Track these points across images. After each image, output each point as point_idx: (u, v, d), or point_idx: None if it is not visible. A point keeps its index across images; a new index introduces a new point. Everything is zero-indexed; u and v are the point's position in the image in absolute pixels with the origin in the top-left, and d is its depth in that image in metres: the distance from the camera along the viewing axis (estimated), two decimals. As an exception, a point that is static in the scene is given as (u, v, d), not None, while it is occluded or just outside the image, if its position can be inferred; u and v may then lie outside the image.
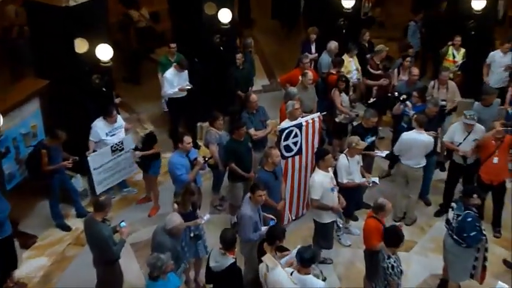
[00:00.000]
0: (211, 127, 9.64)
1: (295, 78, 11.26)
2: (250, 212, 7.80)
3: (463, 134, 9.44)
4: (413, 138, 9.38)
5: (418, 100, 10.25)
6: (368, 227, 7.80)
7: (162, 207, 10.00)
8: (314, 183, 8.40)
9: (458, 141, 9.46)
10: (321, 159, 8.44)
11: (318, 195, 8.38)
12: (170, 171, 8.87)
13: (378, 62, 11.84)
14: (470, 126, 9.33)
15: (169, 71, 11.09)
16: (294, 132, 9.32)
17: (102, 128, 9.73)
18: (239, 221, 8.02)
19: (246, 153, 9.28)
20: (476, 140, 9.39)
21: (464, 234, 7.83)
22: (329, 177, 8.46)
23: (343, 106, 10.82)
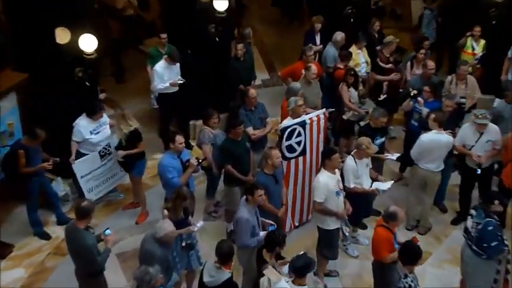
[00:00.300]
0: (205, 126, 9.65)
1: (297, 72, 11.28)
2: (247, 215, 7.81)
3: (474, 135, 9.36)
4: (434, 139, 9.36)
5: (429, 95, 10.27)
6: (377, 237, 7.80)
7: (151, 213, 10.01)
8: (318, 184, 8.40)
9: (471, 144, 9.37)
10: (328, 158, 8.44)
11: (322, 197, 8.38)
12: (160, 174, 8.85)
13: (387, 54, 11.87)
14: (482, 126, 9.25)
15: (160, 63, 11.09)
16: (297, 131, 9.32)
17: (85, 127, 9.71)
18: (235, 225, 8.03)
19: (243, 154, 9.27)
20: (490, 142, 9.33)
21: (484, 245, 7.83)
22: (335, 180, 8.46)
23: (351, 102, 10.85)
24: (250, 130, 9.90)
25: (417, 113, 10.21)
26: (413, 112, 10.32)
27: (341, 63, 11.45)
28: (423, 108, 10.13)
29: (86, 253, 7.42)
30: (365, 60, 11.99)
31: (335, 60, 11.76)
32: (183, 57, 11.20)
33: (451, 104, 9.82)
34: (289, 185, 9.48)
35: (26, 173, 9.22)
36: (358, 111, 10.89)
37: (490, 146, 9.33)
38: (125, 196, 10.59)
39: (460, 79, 10.81)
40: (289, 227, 9.65)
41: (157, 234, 7.35)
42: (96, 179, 9.89)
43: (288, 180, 9.43)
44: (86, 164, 9.72)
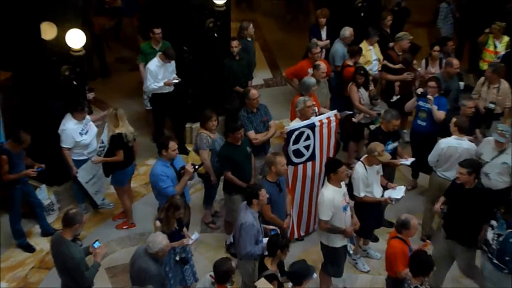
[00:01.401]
0: (203, 129, 9.69)
1: (303, 71, 11.38)
2: (251, 220, 7.87)
3: (491, 152, 9.19)
4: (452, 146, 9.41)
5: (434, 91, 10.35)
6: (391, 250, 7.82)
7: (144, 224, 10.04)
8: (323, 202, 8.33)
9: (485, 160, 9.21)
10: (333, 171, 8.35)
11: (328, 215, 8.33)
12: (153, 184, 8.86)
13: (399, 52, 11.96)
14: (500, 144, 9.08)
15: (153, 61, 11.17)
16: (305, 134, 9.38)
17: (74, 130, 9.78)
18: (238, 232, 8.02)
19: (244, 160, 9.33)
20: (506, 165, 9.07)
21: (506, 258, 7.87)
22: (341, 193, 8.43)
23: (362, 104, 10.93)
24: (251, 134, 9.93)
25: (423, 111, 10.31)
26: (419, 111, 10.45)
27: (350, 60, 11.53)
28: (434, 106, 10.23)
29: (73, 267, 7.44)
30: (377, 58, 12.09)
31: (344, 57, 11.84)
32: (179, 55, 11.27)
33: (471, 105, 9.85)
34: (295, 192, 9.57)
35: (9, 180, 9.27)
36: (369, 113, 10.98)
37: (505, 170, 9.09)
38: (114, 205, 10.67)
39: (493, 82, 10.85)
40: (291, 235, 9.72)
41: (151, 250, 7.38)
42: (100, 179, 10.07)
43: (294, 186, 9.52)
44: (86, 171, 9.86)
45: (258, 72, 13.24)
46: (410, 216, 7.82)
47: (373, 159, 8.88)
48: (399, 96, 11.74)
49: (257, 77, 13.10)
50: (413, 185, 11.05)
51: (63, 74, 9.77)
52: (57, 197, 10.36)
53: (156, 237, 7.48)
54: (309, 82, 10.36)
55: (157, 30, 11.58)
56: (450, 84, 10.98)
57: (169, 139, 8.90)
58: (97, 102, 12.17)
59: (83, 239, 9.03)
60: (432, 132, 10.42)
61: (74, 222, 7.48)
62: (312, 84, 10.31)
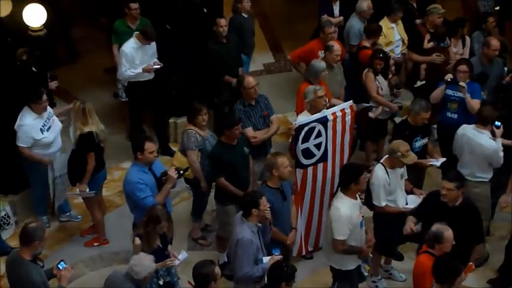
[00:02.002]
0: (191, 125, 9.74)
1: (312, 53, 11.45)
2: (249, 235, 7.90)
3: None
4: (468, 136, 9.58)
5: (465, 76, 10.43)
6: (420, 268, 7.77)
7: (117, 240, 10.10)
8: (340, 219, 8.28)
9: None
10: (354, 181, 8.31)
11: (346, 234, 8.30)
12: (129, 194, 8.87)
13: (431, 29, 12.02)
14: None
15: (129, 43, 11.24)
16: (316, 130, 9.43)
17: (33, 126, 9.81)
18: (234, 250, 8.06)
19: (240, 163, 9.38)
20: None
21: None
22: (357, 207, 8.46)
23: (380, 95, 10.99)
24: (249, 131, 9.98)
25: (453, 102, 10.43)
26: (448, 101, 10.54)
27: (367, 41, 11.62)
28: (467, 94, 10.33)
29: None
30: (400, 38, 12.20)
31: (361, 35, 11.94)
32: (160, 35, 11.34)
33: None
34: (304, 200, 9.64)
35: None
36: (389, 105, 11.05)
37: None
38: (83, 218, 10.73)
39: None
40: (299, 252, 9.80)
41: (138, 275, 7.35)
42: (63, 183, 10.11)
43: (303, 193, 9.59)
44: (60, 164, 9.93)
45: (256, 56, 13.32)
46: (443, 227, 7.76)
47: (396, 161, 8.91)
48: (424, 82, 11.84)
49: (256, 62, 13.19)
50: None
51: (20, 59, 9.82)
52: (12, 209, 10.42)
53: (143, 259, 7.47)
54: (318, 66, 10.43)
55: (134, 5, 11.61)
56: (488, 69, 11.07)
57: (145, 139, 8.90)
58: (61, 93, 12.22)
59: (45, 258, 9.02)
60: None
61: (34, 238, 7.50)
62: (321, 69, 10.38)
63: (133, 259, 7.51)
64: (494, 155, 9.51)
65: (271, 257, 8.02)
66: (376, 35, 11.62)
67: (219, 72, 11.62)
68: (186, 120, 10.02)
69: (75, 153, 9.75)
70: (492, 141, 9.52)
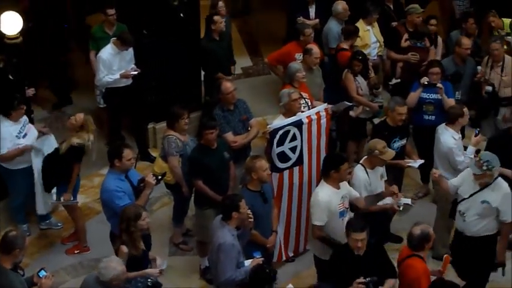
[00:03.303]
0: (171, 131, 9.74)
1: (289, 56, 11.49)
2: (231, 239, 7.92)
3: (471, 186, 8.75)
4: (437, 133, 9.76)
5: (438, 78, 10.50)
6: (414, 273, 7.73)
7: (98, 247, 10.05)
8: (318, 203, 8.46)
9: (462, 196, 8.84)
10: (334, 168, 8.47)
11: (323, 220, 8.45)
12: (107, 202, 8.83)
13: (410, 29, 12.11)
14: (479, 177, 8.59)
15: (106, 49, 11.25)
16: (291, 133, 9.48)
17: (9, 133, 9.80)
18: (215, 255, 8.05)
19: (220, 167, 9.40)
20: (487, 205, 8.62)
21: None
22: (339, 196, 8.56)
23: (360, 95, 11.05)
24: (229, 136, 9.99)
25: (429, 104, 10.50)
26: (424, 104, 10.58)
27: (345, 43, 11.67)
28: (445, 96, 10.40)
29: (13, 301, 7.50)
30: (376, 40, 12.30)
31: (339, 38, 11.97)
32: (138, 40, 11.35)
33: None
34: (281, 204, 9.65)
35: None
36: (369, 105, 11.12)
37: (486, 211, 8.66)
38: (63, 225, 10.70)
39: (495, 60, 11.08)
40: (279, 257, 9.81)
41: (103, 277, 7.37)
42: None
43: (280, 197, 9.60)
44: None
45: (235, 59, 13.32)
46: (425, 226, 7.84)
47: (375, 159, 9.01)
48: (399, 81, 11.95)
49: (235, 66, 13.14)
50: (424, 191, 11.19)
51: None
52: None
53: (110, 262, 7.47)
54: (292, 68, 10.49)
55: (111, 11, 11.62)
56: (462, 69, 11.17)
57: (124, 146, 8.90)
58: (39, 100, 12.19)
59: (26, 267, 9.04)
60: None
61: (14, 247, 7.49)
62: (295, 71, 10.42)
63: (102, 262, 7.51)
64: (449, 154, 9.62)
65: (252, 260, 8.03)
66: (353, 36, 11.68)
67: (213, 70, 11.65)
68: (165, 126, 9.99)
69: (51, 160, 9.73)
70: (450, 140, 9.64)
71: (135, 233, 7.95)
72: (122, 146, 8.95)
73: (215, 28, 11.60)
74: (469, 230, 8.73)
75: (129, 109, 11.72)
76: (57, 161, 9.74)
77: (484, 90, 11.02)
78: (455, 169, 9.57)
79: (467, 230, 8.74)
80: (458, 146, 9.66)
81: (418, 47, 11.94)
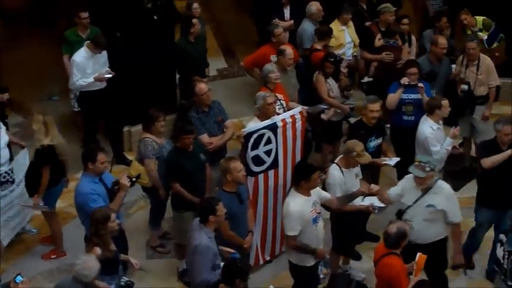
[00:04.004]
0: (147, 133, 9.75)
1: (265, 58, 11.54)
2: (206, 241, 7.95)
3: (413, 193, 8.73)
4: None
5: (416, 78, 10.58)
6: (393, 271, 7.76)
7: (74, 252, 9.95)
8: (290, 213, 8.43)
9: (407, 204, 8.78)
10: (305, 179, 8.44)
11: (296, 230, 8.43)
12: (81, 206, 8.81)
13: (382, 28, 12.20)
14: (422, 181, 8.57)
15: (80, 52, 11.24)
16: (265, 136, 9.50)
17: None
18: (191, 257, 8.08)
19: (196, 170, 9.42)
20: (432, 209, 8.60)
21: None
22: (310, 203, 8.53)
23: (331, 97, 11.09)
24: (205, 138, 10.01)
25: (410, 104, 10.56)
26: (404, 105, 10.64)
27: (319, 43, 11.73)
28: (425, 96, 10.48)
29: (-10, 308, 7.51)
30: (351, 40, 12.38)
31: (313, 39, 12.03)
32: (111, 43, 11.36)
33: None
34: (257, 208, 9.67)
35: None
36: (340, 107, 11.15)
37: (433, 215, 8.63)
38: (38, 231, 10.68)
39: (471, 60, 11.18)
40: (256, 261, 9.84)
41: (87, 278, 7.38)
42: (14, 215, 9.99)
43: (255, 201, 9.63)
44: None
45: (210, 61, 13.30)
46: (401, 224, 7.91)
47: (351, 160, 9.04)
48: (371, 79, 12.06)
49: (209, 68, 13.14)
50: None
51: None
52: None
53: (88, 262, 7.49)
54: (265, 70, 10.54)
55: (84, 14, 11.64)
56: (437, 68, 11.26)
57: (98, 149, 8.92)
58: (13, 104, 12.15)
59: (2, 273, 9.05)
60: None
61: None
62: (268, 72, 10.46)
63: (78, 264, 7.51)
64: (425, 143, 9.78)
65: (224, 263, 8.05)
66: (327, 37, 11.73)
67: (187, 72, 11.68)
68: (140, 129, 10.03)
69: (34, 167, 9.71)
70: (428, 130, 9.78)
71: (105, 236, 7.98)
72: (95, 149, 8.98)
73: (193, 31, 11.66)
74: (421, 238, 8.56)
75: (103, 112, 11.70)
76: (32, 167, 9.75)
77: (460, 89, 11.09)
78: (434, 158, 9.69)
79: (418, 239, 8.52)
80: (435, 136, 9.78)
81: (391, 45, 12.01)
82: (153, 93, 11.73)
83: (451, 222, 8.72)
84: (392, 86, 10.74)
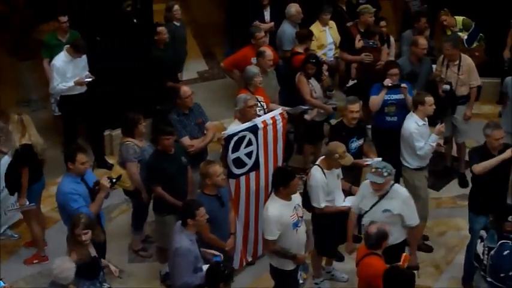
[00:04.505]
0: (127, 137, 9.75)
1: (245, 60, 11.56)
2: (187, 244, 7.95)
3: (370, 198, 8.77)
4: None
5: (397, 79, 10.61)
6: (373, 271, 7.78)
7: (56, 256, 9.87)
8: (268, 218, 8.42)
9: (364, 209, 8.82)
10: (283, 185, 8.43)
11: (275, 234, 8.43)
12: (62, 205, 8.82)
13: (362, 29, 12.24)
14: (379, 186, 8.61)
15: (60, 56, 11.23)
16: (246, 139, 9.52)
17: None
18: (172, 259, 8.09)
19: (177, 173, 9.42)
20: (388, 213, 8.63)
21: (501, 275, 8.08)
22: (291, 208, 8.52)
23: (314, 97, 11.14)
24: (186, 140, 10.02)
25: (392, 105, 10.60)
26: (386, 106, 10.67)
27: (300, 46, 11.78)
28: (409, 96, 10.53)
29: (-28, 314, 7.50)
30: (333, 41, 12.43)
31: (293, 41, 12.07)
32: (91, 47, 11.34)
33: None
34: (239, 210, 9.70)
35: None
36: (323, 107, 11.21)
37: (389, 220, 8.55)
38: (20, 236, 10.66)
39: (451, 60, 11.23)
40: (240, 263, 9.89)
41: (66, 280, 7.40)
42: None
43: (237, 203, 9.65)
44: None
45: (190, 64, 13.39)
46: (382, 225, 7.96)
47: (333, 162, 9.05)
48: (355, 81, 12.06)
49: (190, 70, 13.22)
50: (385, 190, 11.34)
51: None
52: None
53: (63, 264, 7.52)
54: (250, 72, 10.56)
55: (63, 18, 11.60)
56: (418, 68, 11.30)
57: (77, 150, 8.91)
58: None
59: (-17, 279, 9.03)
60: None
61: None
62: (253, 74, 10.49)
63: (55, 269, 7.53)
64: (410, 138, 9.82)
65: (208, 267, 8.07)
66: (307, 39, 11.77)
67: (162, 78, 11.67)
68: (122, 132, 9.98)
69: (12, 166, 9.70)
70: (412, 125, 9.82)
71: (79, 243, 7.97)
72: (75, 149, 8.96)
73: (158, 38, 11.64)
74: None
75: (84, 116, 11.69)
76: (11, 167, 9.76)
77: (441, 89, 11.13)
78: (416, 154, 9.81)
79: None
80: (420, 132, 9.81)
81: (371, 46, 12.05)
82: (133, 96, 11.72)
83: (409, 226, 8.82)
84: (374, 87, 10.74)
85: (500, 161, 9.09)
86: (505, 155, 9.10)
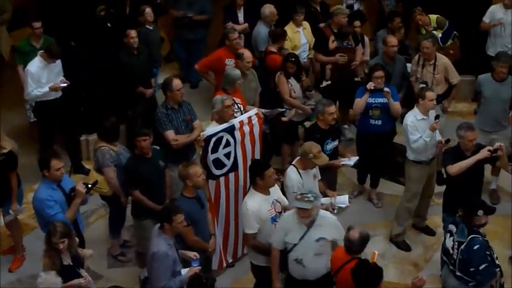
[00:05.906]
0: (102, 142, 9.76)
1: (219, 62, 11.65)
2: (165, 248, 7.98)
3: (298, 229, 8.24)
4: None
5: (382, 82, 10.64)
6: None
7: (34, 263, 9.90)
8: (246, 212, 8.53)
9: (292, 243, 8.27)
10: (259, 175, 8.56)
11: (254, 228, 8.54)
12: (39, 212, 8.85)
13: (335, 30, 12.32)
14: (306, 213, 8.13)
15: (34, 62, 11.20)
16: (224, 139, 9.60)
17: None
18: (150, 264, 8.14)
19: (155, 176, 9.45)
20: (322, 241, 8.20)
21: (471, 269, 8.16)
22: (269, 202, 8.64)
23: (293, 97, 11.21)
24: (170, 134, 10.02)
25: (377, 109, 10.66)
26: (370, 109, 10.71)
27: (273, 46, 11.84)
28: (392, 100, 10.60)
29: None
30: (307, 42, 12.51)
31: (268, 42, 12.14)
32: (65, 52, 11.34)
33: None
34: (219, 211, 9.77)
35: None
36: (302, 108, 11.27)
37: (324, 248, 8.25)
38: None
39: (427, 59, 11.36)
40: (220, 264, 9.94)
41: None
42: None
43: (217, 204, 9.72)
44: None
45: (166, 67, 13.40)
46: (362, 228, 7.90)
47: (308, 162, 9.11)
48: (330, 82, 12.15)
49: (163, 74, 13.20)
50: (359, 190, 11.47)
51: None
52: None
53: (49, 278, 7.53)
54: (233, 74, 10.60)
55: (37, 24, 11.60)
56: (391, 68, 11.38)
57: (51, 156, 8.90)
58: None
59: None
60: (392, 130, 10.98)
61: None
62: (236, 77, 10.55)
63: (39, 282, 7.55)
64: (405, 131, 9.94)
65: (189, 269, 8.14)
66: (280, 39, 11.84)
67: (132, 84, 11.69)
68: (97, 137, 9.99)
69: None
70: (410, 118, 9.91)
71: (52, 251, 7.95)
72: (49, 156, 8.95)
73: (126, 41, 11.63)
74: (314, 273, 8.31)
75: (60, 122, 11.68)
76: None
77: (417, 88, 11.25)
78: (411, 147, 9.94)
79: (310, 275, 8.30)
80: (416, 125, 9.88)
81: (345, 47, 12.13)
82: (108, 101, 11.77)
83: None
84: (359, 90, 10.80)
85: (476, 161, 9.20)
86: (480, 155, 9.20)
